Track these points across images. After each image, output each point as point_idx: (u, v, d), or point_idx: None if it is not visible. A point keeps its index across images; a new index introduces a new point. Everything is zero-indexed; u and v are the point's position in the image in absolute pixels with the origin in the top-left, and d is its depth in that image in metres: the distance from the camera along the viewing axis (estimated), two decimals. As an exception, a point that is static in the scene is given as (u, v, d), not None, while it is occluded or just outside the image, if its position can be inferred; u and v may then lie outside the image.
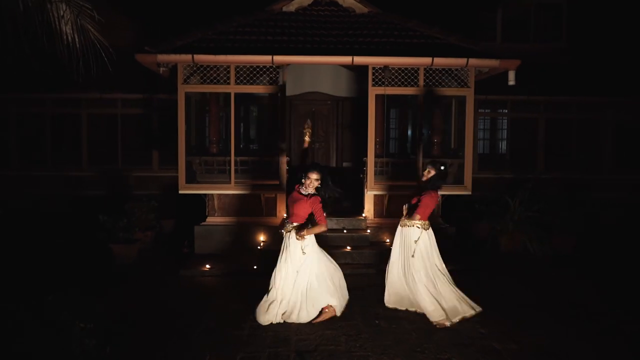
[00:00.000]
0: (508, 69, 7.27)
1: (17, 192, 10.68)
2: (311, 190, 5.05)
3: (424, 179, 5.42)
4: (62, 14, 4.31)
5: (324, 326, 5.00)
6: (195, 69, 7.58)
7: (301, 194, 5.10)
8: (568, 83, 11.10)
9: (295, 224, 5.12)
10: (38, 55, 4.23)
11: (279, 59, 7.14)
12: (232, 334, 4.81)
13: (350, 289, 5.50)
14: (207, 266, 6.90)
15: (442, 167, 5.40)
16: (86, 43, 4.49)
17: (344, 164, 11.84)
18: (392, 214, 8.04)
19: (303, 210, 5.08)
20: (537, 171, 10.79)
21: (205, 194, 7.95)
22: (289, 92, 12.33)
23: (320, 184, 5.05)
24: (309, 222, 5.11)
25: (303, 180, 5.07)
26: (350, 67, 10.15)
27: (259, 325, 5.00)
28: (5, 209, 10.09)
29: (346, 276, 5.48)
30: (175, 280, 6.61)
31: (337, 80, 11.30)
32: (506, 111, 11.36)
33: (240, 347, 4.50)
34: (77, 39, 4.49)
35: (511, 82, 7.22)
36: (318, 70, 12.00)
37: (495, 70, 7.62)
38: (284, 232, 5.20)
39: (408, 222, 5.39)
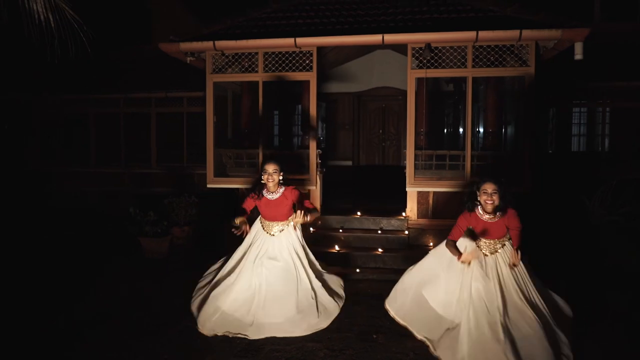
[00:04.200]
0: (574, 41, 5.97)
1: (93, 189, 11.28)
2: (273, 186, 4.67)
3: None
4: (31, -9, 4.15)
5: (310, 337, 4.34)
6: (230, 58, 7.25)
7: (271, 197, 4.71)
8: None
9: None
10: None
11: (302, 41, 6.53)
12: (205, 337, 4.34)
13: (369, 296, 5.04)
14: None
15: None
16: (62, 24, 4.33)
17: (416, 163, 10.93)
18: (439, 215, 7.04)
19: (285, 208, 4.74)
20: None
21: (237, 189, 7.62)
22: (355, 88, 11.81)
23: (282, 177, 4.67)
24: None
25: (263, 179, 4.64)
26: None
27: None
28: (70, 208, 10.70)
29: (370, 282, 4.85)
30: (186, 275, 6.28)
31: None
32: (607, 101, 9.63)
33: (205, 353, 4.03)
34: (51, 19, 4.33)
35: (578, 56, 5.92)
36: (387, 63, 11.28)
37: (561, 44, 6.31)
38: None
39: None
